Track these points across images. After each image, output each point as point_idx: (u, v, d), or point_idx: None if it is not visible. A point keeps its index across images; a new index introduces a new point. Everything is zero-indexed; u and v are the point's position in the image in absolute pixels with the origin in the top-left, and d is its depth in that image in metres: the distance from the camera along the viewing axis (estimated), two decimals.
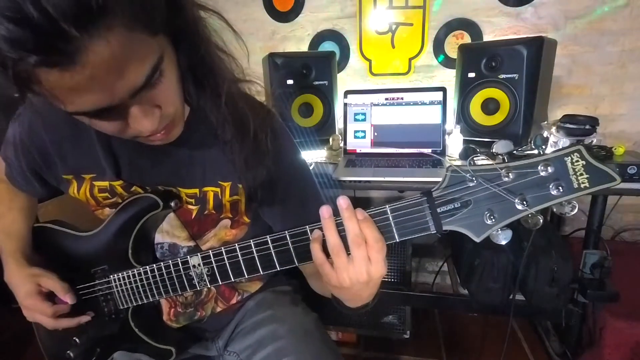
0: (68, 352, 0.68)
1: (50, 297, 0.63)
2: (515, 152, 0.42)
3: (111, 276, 0.65)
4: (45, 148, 0.62)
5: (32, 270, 0.64)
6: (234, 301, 0.75)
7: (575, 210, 0.41)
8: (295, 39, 1.74)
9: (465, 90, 1.33)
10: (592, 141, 1.20)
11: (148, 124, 0.46)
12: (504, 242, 0.44)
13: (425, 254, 1.89)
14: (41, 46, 0.33)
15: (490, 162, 0.43)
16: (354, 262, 0.46)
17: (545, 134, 1.30)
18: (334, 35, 1.70)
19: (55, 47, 0.33)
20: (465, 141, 1.33)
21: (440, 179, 0.45)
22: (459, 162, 1.25)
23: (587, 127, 1.18)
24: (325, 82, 1.46)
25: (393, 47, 1.65)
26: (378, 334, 1.51)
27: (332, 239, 0.47)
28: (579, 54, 1.50)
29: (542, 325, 1.55)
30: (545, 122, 1.32)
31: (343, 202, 0.46)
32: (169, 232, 0.67)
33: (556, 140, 1.22)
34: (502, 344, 1.23)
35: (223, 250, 0.55)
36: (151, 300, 0.63)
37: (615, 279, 1.16)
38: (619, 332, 1.17)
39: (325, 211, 0.47)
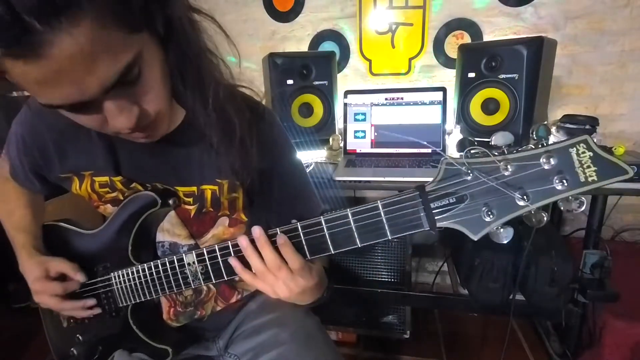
0: (72, 349, 0.69)
1: (59, 280, 0.65)
2: (515, 151, 0.41)
3: (112, 274, 0.65)
4: (46, 148, 0.63)
5: (40, 258, 0.65)
6: (233, 300, 0.75)
7: (584, 207, 0.38)
8: (295, 39, 1.74)
9: (465, 90, 1.33)
10: None
11: (125, 120, 0.45)
12: (505, 241, 0.41)
13: (425, 254, 1.89)
14: (4, 39, 0.33)
15: (488, 154, 0.40)
16: (280, 280, 0.52)
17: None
18: (334, 35, 1.70)
19: (18, 39, 0.33)
20: None
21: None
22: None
23: (587, 127, 1.19)
24: (325, 82, 1.46)
25: (393, 47, 1.65)
26: (378, 334, 1.51)
27: (256, 264, 0.52)
28: (579, 54, 1.50)
29: (542, 325, 1.55)
30: (545, 122, 1.32)
31: (255, 232, 0.51)
32: (169, 231, 0.67)
33: (556, 140, 1.22)
34: (502, 344, 1.23)
35: (216, 247, 0.54)
36: (149, 298, 0.63)
37: (615, 279, 1.16)
38: (619, 332, 1.17)
39: (242, 240, 0.52)
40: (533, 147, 0.39)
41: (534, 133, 1.03)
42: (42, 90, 0.39)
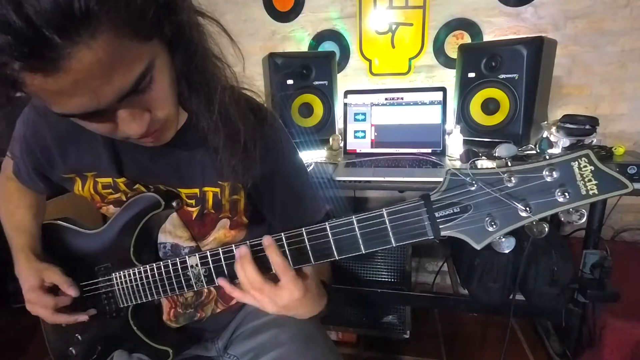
0: (70, 348, 0.69)
1: (53, 291, 0.64)
2: (516, 152, 0.41)
3: (113, 274, 0.65)
4: (48, 148, 0.63)
5: (38, 264, 0.65)
6: (233, 302, 0.75)
7: (584, 219, 0.39)
8: (295, 39, 1.74)
9: (465, 90, 1.33)
10: (592, 141, 1.20)
11: (137, 127, 0.46)
12: (507, 251, 0.42)
13: (425, 254, 1.89)
14: (24, 53, 0.33)
15: (492, 165, 0.41)
16: (265, 296, 0.51)
17: (546, 134, 1.30)
18: (334, 35, 1.70)
19: (38, 53, 0.33)
20: (465, 141, 1.33)
21: (440, 179, 0.44)
22: (458, 164, 1.25)
23: (587, 127, 1.18)
24: (325, 82, 1.46)
25: (393, 47, 1.65)
26: (378, 334, 1.51)
27: (241, 278, 0.51)
28: (579, 54, 1.50)
29: (542, 325, 1.55)
30: (545, 122, 1.32)
31: (241, 251, 0.51)
32: (171, 233, 0.67)
33: (556, 140, 1.22)
34: (502, 344, 1.23)
35: (220, 251, 0.54)
36: (150, 299, 0.63)
37: (615, 279, 1.16)
38: (619, 332, 1.17)
39: (237, 252, 0.51)
40: (536, 153, 0.40)
41: (537, 146, 1.03)
42: (58, 100, 0.39)
